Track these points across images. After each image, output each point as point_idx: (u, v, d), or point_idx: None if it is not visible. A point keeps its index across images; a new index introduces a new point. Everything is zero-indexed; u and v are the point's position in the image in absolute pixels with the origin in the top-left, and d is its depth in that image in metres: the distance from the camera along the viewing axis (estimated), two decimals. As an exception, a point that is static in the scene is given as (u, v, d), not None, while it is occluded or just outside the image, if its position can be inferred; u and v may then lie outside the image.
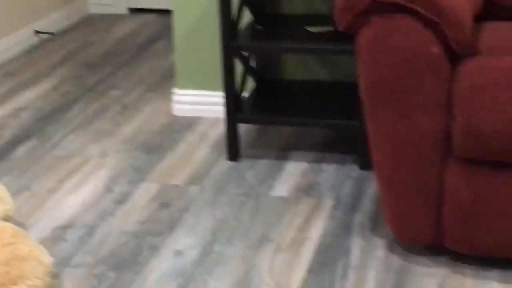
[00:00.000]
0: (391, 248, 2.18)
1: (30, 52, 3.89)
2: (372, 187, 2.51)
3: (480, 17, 2.20)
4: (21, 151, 2.84)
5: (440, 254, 2.13)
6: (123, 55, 3.83)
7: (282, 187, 2.54)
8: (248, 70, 2.84)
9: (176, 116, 3.10)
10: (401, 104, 1.97)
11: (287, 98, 2.83)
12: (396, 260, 2.13)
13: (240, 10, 2.69)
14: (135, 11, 4.56)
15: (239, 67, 2.84)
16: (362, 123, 2.48)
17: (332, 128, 2.86)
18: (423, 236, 2.09)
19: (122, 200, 2.49)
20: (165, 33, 4.12)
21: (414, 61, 1.92)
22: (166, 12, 4.34)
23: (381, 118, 2.01)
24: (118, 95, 3.33)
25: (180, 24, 3.01)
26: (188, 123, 3.03)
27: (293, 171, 2.64)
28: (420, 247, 2.16)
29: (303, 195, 2.48)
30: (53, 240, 2.27)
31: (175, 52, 3.05)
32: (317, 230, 2.29)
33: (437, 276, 2.05)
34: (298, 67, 2.98)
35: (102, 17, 4.46)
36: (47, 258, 1.92)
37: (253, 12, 2.84)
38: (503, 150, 1.90)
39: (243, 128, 2.95)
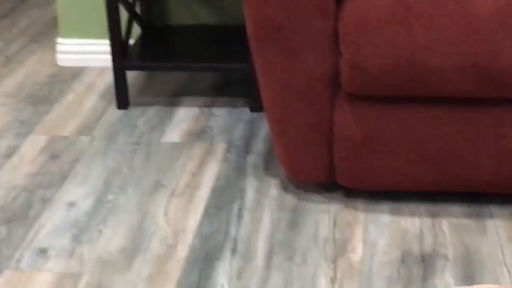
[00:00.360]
0: (284, 188, 2.21)
1: None
2: (263, 128, 2.52)
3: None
4: None
5: (332, 191, 2.17)
6: (1, 6, 3.69)
7: (174, 133, 2.52)
8: (133, 16, 2.79)
9: (62, 66, 3.03)
10: (288, 44, 1.97)
11: (175, 44, 2.79)
12: (290, 199, 2.16)
13: (122, -46, 2.62)
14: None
15: (124, 14, 2.78)
16: (251, 66, 2.48)
17: (221, 71, 2.85)
18: (316, 174, 2.12)
19: (9, 154, 2.42)
20: (45, -18, 4.00)
21: None
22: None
23: (269, 59, 2.01)
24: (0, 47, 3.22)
25: (60, -29, 2.92)
26: (75, 73, 2.96)
27: (184, 117, 2.62)
28: (313, 185, 2.20)
29: (195, 140, 2.48)
30: None
31: (57, 1, 2.96)
32: (210, 174, 2.29)
33: (331, 212, 2.09)
34: (185, 12, 2.94)
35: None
36: None
37: (136, -44, 2.78)
38: (389, 85, 1.93)
39: (131, 76, 2.91)
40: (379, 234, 2.00)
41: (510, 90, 1.91)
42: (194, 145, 2.44)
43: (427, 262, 1.90)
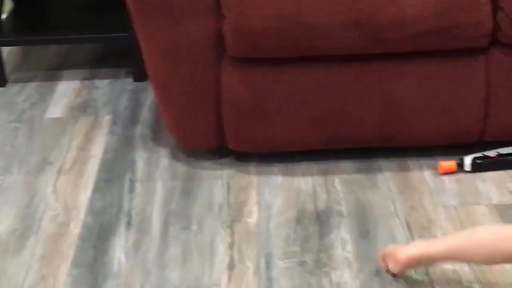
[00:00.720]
0: (175, 156, 2.18)
1: None
2: (149, 98, 2.48)
3: None
4: None
5: (224, 156, 2.16)
6: None
7: (56, 108, 2.45)
8: (4, -11, 2.68)
9: None
10: (170, 10, 1.93)
11: (50, 16, 2.70)
12: (182, 167, 2.13)
13: None
14: None
15: (-6, -13, 2.68)
16: (132, 34, 2.42)
17: (101, 42, 2.78)
18: (206, 140, 2.10)
19: None
20: None
21: (179, -36, 1.89)
22: None
23: (150, 26, 1.97)
24: None
25: None
26: None
27: (66, 91, 2.55)
28: (204, 152, 2.18)
29: (79, 114, 2.41)
30: None
31: None
32: (98, 147, 2.23)
33: (224, 177, 2.08)
34: (58, -18, 2.85)
35: None
36: None
37: None
38: (274, 46, 1.93)
39: (6, 52, 2.80)
40: (273, 195, 2.01)
41: (390, 45, 1.94)
42: (78, 120, 2.38)
43: (322, 219, 1.91)
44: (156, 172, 2.11)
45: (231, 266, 1.78)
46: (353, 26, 1.90)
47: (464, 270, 1.72)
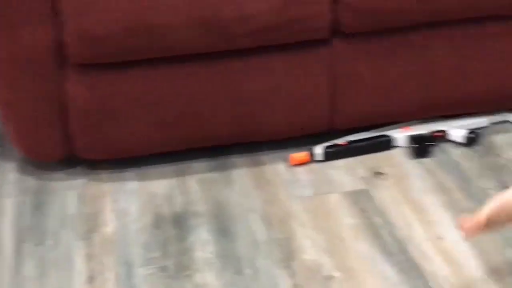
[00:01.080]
0: (23, 170, 2.10)
1: None
2: (-10, 111, 2.38)
3: None
4: None
5: (75, 165, 2.10)
6: None
7: None
8: None
9: None
10: (4, 19, 1.86)
11: None
12: (32, 181, 2.06)
13: None
14: None
15: None
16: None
17: None
18: (54, 151, 2.04)
19: None
20: None
21: (11, -29, 1.82)
22: None
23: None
24: None
25: None
26: None
27: None
28: (54, 163, 2.11)
29: None
30: None
31: None
32: None
33: (76, 188, 2.02)
34: None
35: None
36: None
37: None
38: (118, 50, 1.90)
39: None
40: (128, 202, 1.97)
41: (235, 41, 1.94)
42: None
43: (181, 222, 1.89)
44: (4, 188, 2.03)
45: (90, 279, 1.73)
46: (197, 23, 1.89)
47: (323, 259, 1.75)
